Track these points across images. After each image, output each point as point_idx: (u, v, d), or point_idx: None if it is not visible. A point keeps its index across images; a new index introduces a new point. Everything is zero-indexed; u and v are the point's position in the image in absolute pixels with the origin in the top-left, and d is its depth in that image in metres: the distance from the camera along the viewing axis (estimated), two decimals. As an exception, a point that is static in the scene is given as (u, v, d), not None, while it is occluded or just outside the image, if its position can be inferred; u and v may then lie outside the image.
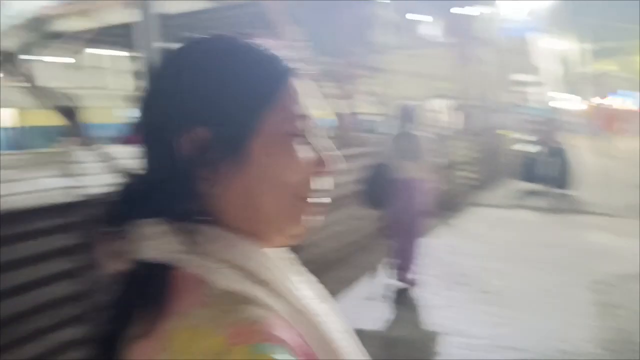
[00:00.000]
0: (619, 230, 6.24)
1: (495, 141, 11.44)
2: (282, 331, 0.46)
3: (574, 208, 7.96)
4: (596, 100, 24.65)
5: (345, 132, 6.94)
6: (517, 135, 11.78)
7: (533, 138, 10.19)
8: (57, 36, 9.13)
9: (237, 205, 0.51)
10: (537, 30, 19.83)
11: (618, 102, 26.16)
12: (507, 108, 14.02)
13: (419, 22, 14.80)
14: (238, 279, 0.48)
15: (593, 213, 7.43)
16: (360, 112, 9.54)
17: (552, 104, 19.73)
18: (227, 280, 0.47)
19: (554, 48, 23.93)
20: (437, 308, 4.03)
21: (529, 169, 9.68)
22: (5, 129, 13.44)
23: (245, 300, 0.46)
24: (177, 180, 0.49)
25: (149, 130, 0.53)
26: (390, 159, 4.25)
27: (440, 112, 11.84)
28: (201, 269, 0.48)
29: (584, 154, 11.23)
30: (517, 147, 11.01)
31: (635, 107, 25.43)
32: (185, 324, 0.45)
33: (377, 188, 4.16)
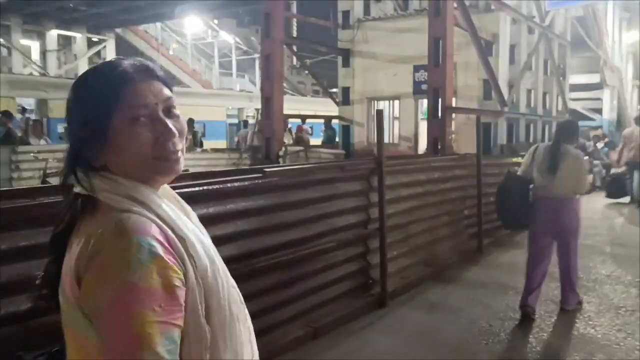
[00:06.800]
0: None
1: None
2: (153, 231, 0.80)
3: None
4: None
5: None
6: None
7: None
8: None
9: (123, 164, 0.86)
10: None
11: None
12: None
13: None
14: (126, 201, 0.84)
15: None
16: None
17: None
18: (118, 203, 0.83)
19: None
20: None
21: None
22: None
23: (128, 212, 0.82)
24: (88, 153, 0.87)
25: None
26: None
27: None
28: (107, 198, 0.85)
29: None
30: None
31: None
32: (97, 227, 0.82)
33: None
